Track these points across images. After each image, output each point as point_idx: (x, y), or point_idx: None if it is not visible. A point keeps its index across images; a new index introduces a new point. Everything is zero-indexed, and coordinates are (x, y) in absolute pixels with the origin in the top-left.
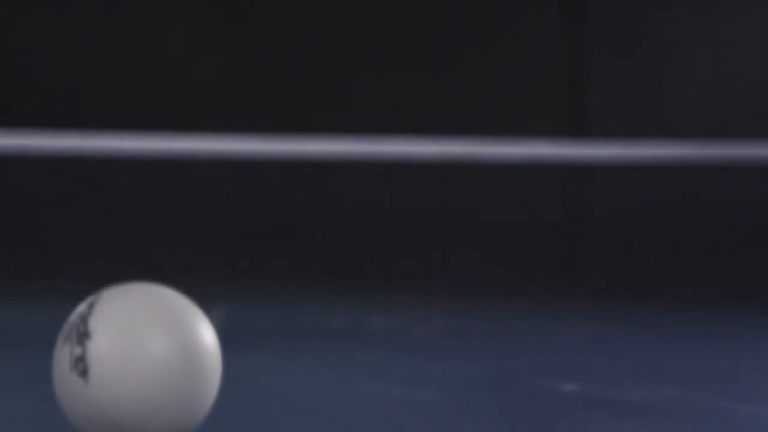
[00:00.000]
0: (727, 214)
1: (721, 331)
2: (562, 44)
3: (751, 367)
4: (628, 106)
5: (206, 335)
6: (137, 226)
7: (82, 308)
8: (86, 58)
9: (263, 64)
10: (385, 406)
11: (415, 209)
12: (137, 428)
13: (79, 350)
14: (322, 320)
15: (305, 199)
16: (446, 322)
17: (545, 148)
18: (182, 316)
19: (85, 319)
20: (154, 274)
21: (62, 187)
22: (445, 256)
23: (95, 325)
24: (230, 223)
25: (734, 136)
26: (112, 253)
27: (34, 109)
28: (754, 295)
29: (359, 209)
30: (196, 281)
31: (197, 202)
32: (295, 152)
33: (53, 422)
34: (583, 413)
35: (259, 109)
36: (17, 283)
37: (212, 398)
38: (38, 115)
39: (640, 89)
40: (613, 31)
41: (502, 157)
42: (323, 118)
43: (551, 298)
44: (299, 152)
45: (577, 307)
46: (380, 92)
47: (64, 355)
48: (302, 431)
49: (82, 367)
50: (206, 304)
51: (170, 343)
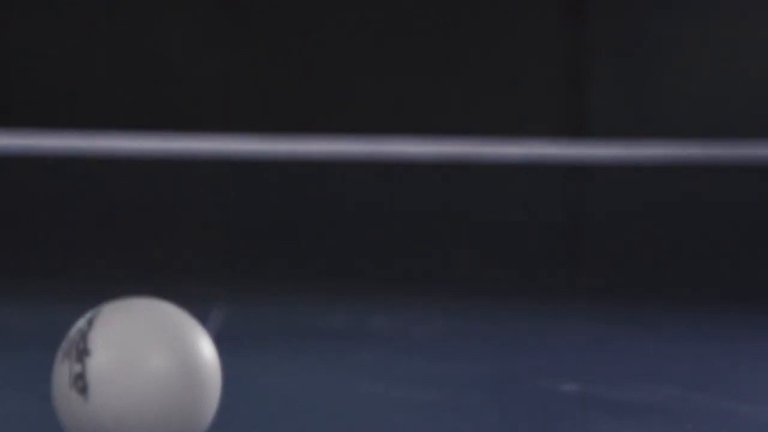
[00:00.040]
0: (727, 214)
1: (721, 331)
2: (562, 44)
3: (751, 367)
4: (628, 106)
5: (205, 350)
6: (137, 226)
7: (81, 324)
8: (86, 58)
9: (263, 64)
10: (385, 406)
11: (415, 209)
12: None
13: (78, 367)
14: (322, 320)
15: (305, 199)
16: (446, 322)
17: (545, 148)
18: (181, 331)
19: (84, 335)
20: (154, 274)
21: (62, 187)
22: (445, 256)
23: (95, 342)
24: (230, 223)
25: (734, 136)
26: (112, 253)
27: (34, 109)
28: (754, 295)
29: (359, 209)
30: (196, 281)
31: (197, 202)
32: (295, 152)
33: (53, 422)
34: (583, 413)
35: (259, 109)
36: (17, 283)
37: (212, 414)
38: (38, 115)
39: (640, 89)
40: (613, 31)
41: (502, 157)
42: (323, 118)
43: (551, 298)
44: (299, 152)
45: (577, 307)
46: (380, 92)
47: (63, 371)
48: (302, 431)
49: (81, 384)
50: (206, 304)
51: (170, 359)
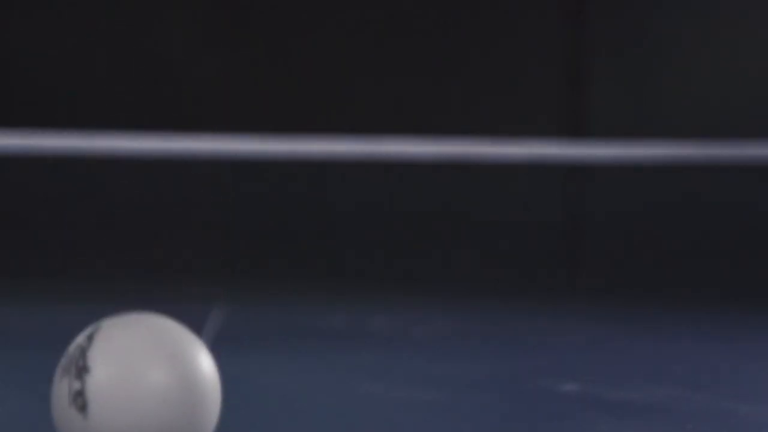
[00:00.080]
0: (727, 214)
1: (721, 331)
2: (562, 44)
3: (751, 367)
4: (628, 106)
5: (204, 366)
6: (137, 226)
7: (81, 340)
8: (86, 58)
9: (263, 64)
10: (385, 406)
11: (415, 209)
12: None
13: (78, 385)
14: (322, 320)
15: (305, 199)
16: (446, 322)
17: (545, 148)
18: (180, 347)
19: (84, 352)
20: (154, 274)
21: (62, 187)
22: (445, 256)
23: (94, 359)
24: (230, 223)
25: (734, 136)
26: (112, 253)
27: (34, 109)
28: (754, 295)
29: (359, 209)
30: (196, 281)
31: (197, 202)
32: (295, 152)
33: (53, 422)
34: (583, 413)
35: (259, 109)
36: (17, 283)
37: (212, 429)
38: (38, 115)
39: (640, 89)
40: (613, 31)
41: (502, 157)
42: (323, 118)
43: (551, 298)
44: (299, 152)
45: (577, 307)
46: (380, 92)
47: (62, 388)
48: (302, 431)
49: (81, 401)
50: (206, 304)
51: (169, 375)
